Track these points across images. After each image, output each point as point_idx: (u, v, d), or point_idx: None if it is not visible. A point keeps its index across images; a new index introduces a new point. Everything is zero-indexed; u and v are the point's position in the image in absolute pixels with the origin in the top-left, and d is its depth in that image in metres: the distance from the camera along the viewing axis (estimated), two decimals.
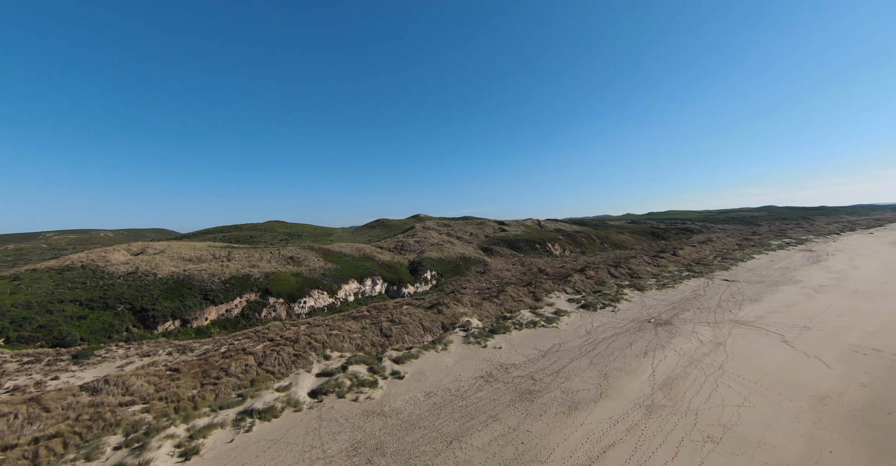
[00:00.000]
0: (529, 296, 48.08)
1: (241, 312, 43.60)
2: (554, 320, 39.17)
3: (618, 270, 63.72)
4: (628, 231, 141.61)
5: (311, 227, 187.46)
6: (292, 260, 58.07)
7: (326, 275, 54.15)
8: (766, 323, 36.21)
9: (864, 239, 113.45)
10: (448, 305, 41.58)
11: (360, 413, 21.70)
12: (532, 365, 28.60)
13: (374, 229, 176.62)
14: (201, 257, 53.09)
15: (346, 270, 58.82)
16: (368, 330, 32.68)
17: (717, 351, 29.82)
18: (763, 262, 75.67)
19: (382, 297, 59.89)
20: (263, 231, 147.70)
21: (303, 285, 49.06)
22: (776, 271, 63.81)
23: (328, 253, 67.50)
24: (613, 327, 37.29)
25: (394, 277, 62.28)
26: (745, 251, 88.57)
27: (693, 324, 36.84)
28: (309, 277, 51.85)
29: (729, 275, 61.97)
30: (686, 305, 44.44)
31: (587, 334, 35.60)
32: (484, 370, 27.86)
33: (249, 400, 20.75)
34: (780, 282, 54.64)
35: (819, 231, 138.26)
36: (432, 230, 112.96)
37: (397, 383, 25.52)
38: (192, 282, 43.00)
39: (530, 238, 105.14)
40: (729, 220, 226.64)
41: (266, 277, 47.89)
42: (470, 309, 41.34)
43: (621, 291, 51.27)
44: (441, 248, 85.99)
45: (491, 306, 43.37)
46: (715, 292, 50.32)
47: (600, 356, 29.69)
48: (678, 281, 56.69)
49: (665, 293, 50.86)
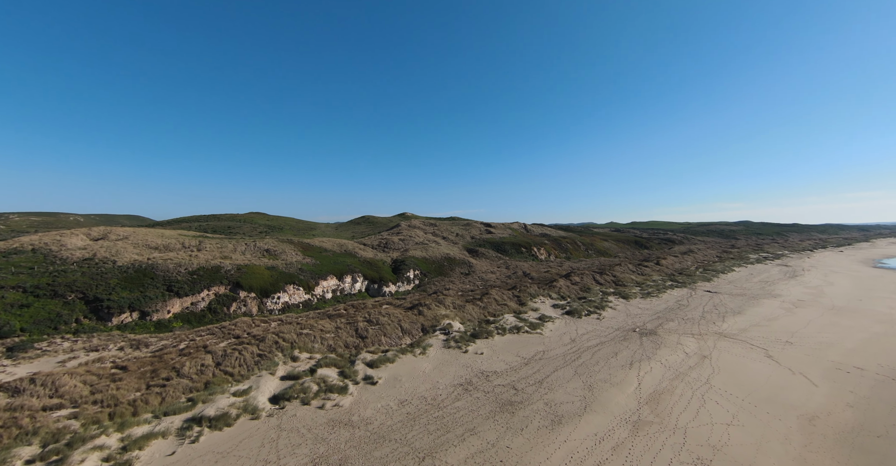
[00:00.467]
0: (514, 300, 46.78)
1: (209, 306, 40.78)
2: (538, 326, 37.93)
3: (602, 277, 63.24)
4: (612, 239, 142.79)
5: (294, 220, 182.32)
6: (268, 253, 55.21)
7: (304, 270, 51.60)
8: (750, 337, 35.83)
9: (836, 257, 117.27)
10: (429, 306, 39.84)
11: (325, 422, 19.72)
12: (514, 374, 27.15)
13: (358, 226, 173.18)
14: (169, 246, 49.70)
15: (326, 265, 56.34)
16: (343, 330, 30.60)
17: (702, 364, 29.03)
18: (743, 275, 76.75)
19: (362, 295, 57.64)
20: (243, 222, 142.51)
21: (277, 280, 46.46)
22: (756, 285, 64.56)
23: (308, 247, 64.79)
24: (598, 335, 36.28)
25: (375, 275, 60.12)
26: (726, 264, 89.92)
27: (678, 335, 36.17)
28: (285, 271, 49.23)
29: (711, 286, 62.28)
30: (670, 315, 43.95)
31: (572, 342, 34.45)
32: (463, 378, 26.24)
33: (200, 406, 18.49)
34: (761, 295, 55.06)
35: (793, 247, 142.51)
36: (418, 229, 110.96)
37: (369, 389, 23.61)
38: (155, 272, 39.90)
39: (516, 241, 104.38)
40: (708, 232, 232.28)
41: (238, 269, 45.08)
42: (452, 311, 39.70)
43: (606, 298, 50.57)
44: (426, 247, 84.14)
45: (474, 309, 41.84)
46: (698, 303, 50.17)
47: (585, 366, 28.48)
48: (662, 291, 56.49)
49: (649, 302, 50.42)
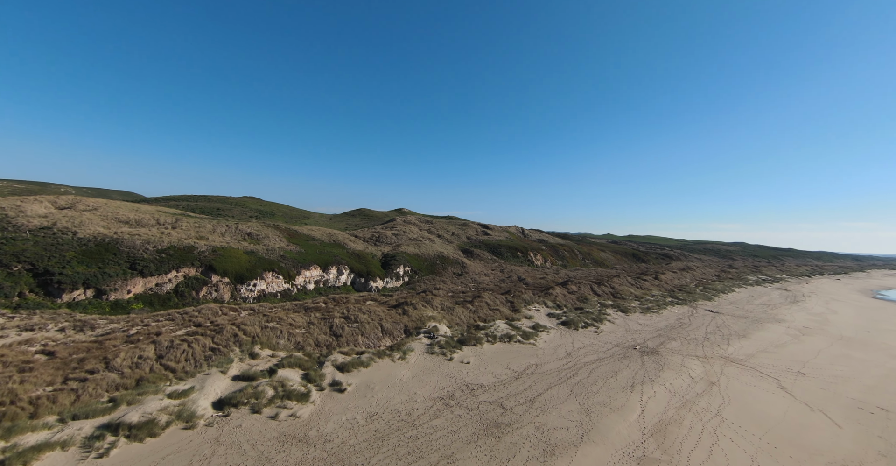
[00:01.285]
0: (507, 305, 43.78)
1: (176, 288, 37.37)
2: (531, 335, 34.94)
3: (601, 288, 60.47)
4: (610, 250, 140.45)
5: (287, 208, 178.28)
6: (250, 237, 51.81)
7: (286, 258, 48.26)
8: (759, 364, 33.08)
9: (834, 285, 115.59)
10: (416, 306, 36.72)
11: (275, 436, 16.56)
12: (503, 389, 24.12)
13: (353, 218, 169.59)
14: (141, 221, 46.19)
15: (310, 254, 53.03)
16: (316, 326, 27.40)
17: (711, 392, 26.18)
18: (743, 296, 74.39)
19: (347, 289, 54.40)
20: (234, 205, 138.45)
21: (255, 266, 43.11)
22: (758, 307, 62.13)
23: (294, 235, 61.41)
24: (596, 350, 33.36)
25: (362, 268, 56.89)
26: (725, 283, 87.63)
27: (682, 356, 33.33)
28: (265, 257, 45.88)
29: (712, 306, 59.73)
30: (672, 333, 41.17)
31: (567, 356, 31.49)
32: (445, 390, 23.16)
33: (123, 408, 15.30)
34: (764, 319, 52.52)
35: (791, 272, 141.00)
36: (413, 225, 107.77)
37: (335, 398, 20.46)
38: (119, 247, 36.45)
39: (513, 245, 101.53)
40: (705, 251, 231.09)
41: (213, 251, 41.69)
42: (440, 313, 36.61)
43: (604, 311, 47.74)
44: (419, 244, 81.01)
45: (464, 312, 38.79)
46: (700, 322, 47.48)
47: (582, 386, 25.52)
48: (662, 307, 53.79)
49: (650, 317, 47.65)
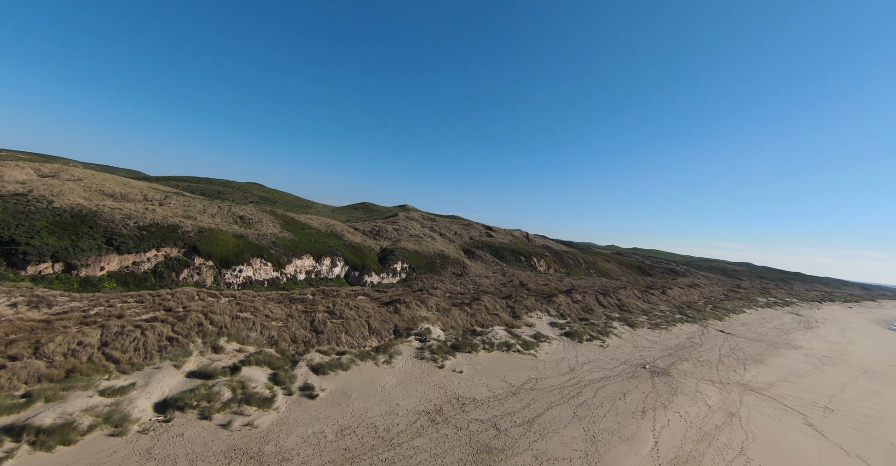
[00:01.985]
0: (507, 311, 40.90)
1: (154, 268, 34.84)
2: (532, 345, 32.03)
3: (606, 299, 57.40)
4: (615, 261, 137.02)
5: (290, 196, 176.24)
6: (242, 220, 49.27)
7: (277, 244, 45.65)
8: (780, 394, 29.97)
9: (846, 312, 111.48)
10: (409, 304, 33.93)
11: (222, 450, 13.82)
12: (498, 405, 21.27)
13: (356, 211, 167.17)
14: (128, 196, 43.82)
15: (304, 243, 50.42)
16: (295, 320, 24.68)
17: (731, 425, 23.17)
18: (755, 318, 70.94)
19: (340, 281, 51.74)
20: (235, 190, 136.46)
21: (243, 250, 40.54)
22: (771, 331, 58.77)
23: (290, 221, 58.88)
24: (602, 367, 30.40)
25: (358, 261, 54.21)
26: (735, 303, 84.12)
27: (696, 380, 30.30)
28: (254, 242, 43.29)
29: (723, 326, 56.46)
30: (683, 353, 38.09)
31: (571, 371, 28.57)
32: (433, 403, 20.35)
33: (39, 406, 12.65)
34: (780, 344, 49.23)
35: (801, 296, 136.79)
36: (415, 222, 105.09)
37: (304, 405, 17.71)
38: (96, 220, 33.99)
39: (516, 249, 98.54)
40: (711, 268, 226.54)
41: (199, 232, 39.15)
42: (434, 314, 33.80)
43: (610, 323, 44.71)
44: (420, 240, 78.25)
45: (461, 315, 35.96)
46: (712, 343, 44.32)
47: (587, 407, 22.61)
48: (672, 323, 50.63)
49: (658, 334, 44.55)
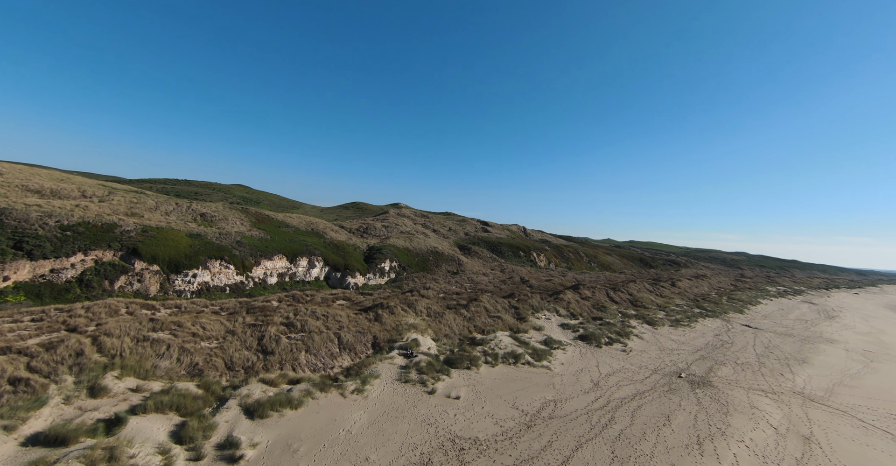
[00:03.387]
0: (510, 312, 35.29)
1: (80, 276, 28.63)
2: (544, 354, 26.41)
3: (617, 294, 52.06)
4: (616, 254, 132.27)
5: (277, 197, 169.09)
6: (203, 218, 43.04)
7: (243, 244, 39.55)
8: (847, 405, 24.66)
9: (856, 299, 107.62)
10: (393, 309, 28.14)
11: None
12: (510, 448, 15.60)
13: (346, 211, 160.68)
14: (60, 192, 37.37)
15: (276, 242, 44.35)
16: (237, 337, 18.78)
17: (813, 456, 17.71)
18: (773, 309, 66.16)
19: (319, 284, 45.77)
20: (216, 191, 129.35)
21: (198, 252, 34.41)
22: (795, 323, 53.87)
23: (263, 219, 52.70)
24: (631, 379, 24.89)
25: (340, 261, 48.24)
26: (747, 294, 79.45)
27: (744, 391, 24.91)
28: (214, 242, 37.17)
29: (746, 320, 51.40)
30: (716, 355, 32.75)
31: (595, 386, 23.01)
32: (418, 451, 14.60)
33: None
34: (812, 339, 44.19)
35: (806, 284, 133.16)
36: (407, 218, 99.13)
37: None
38: (2, 219, 27.68)
39: (514, 244, 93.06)
40: (710, 259, 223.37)
41: (143, 231, 32.95)
42: (424, 321, 28.05)
43: (628, 322, 39.30)
44: (411, 237, 72.39)
45: (456, 319, 30.24)
46: (743, 340, 39.11)
47: (627, 442, 17.01)
48: (692, 319, 45.39)
49: (682, 333, 39.22)
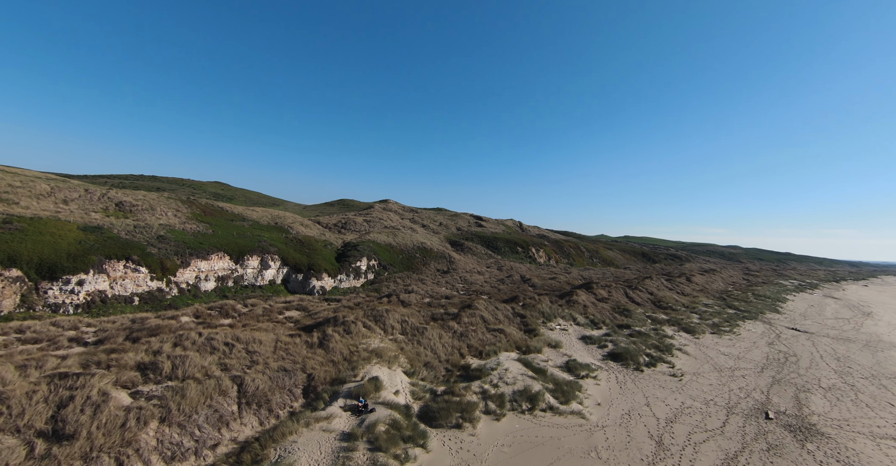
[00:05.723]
0: (515, 322, 26.86)
1: None
2: (571, 390, 17.96)
3: (636, 293, 44.03)
4: (617, 249, 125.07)
5: (256, 195, 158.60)
6: (119, 207, 33.76)
7: (165, 240, 30.43)
8: None
9: (869, 292, 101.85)
10: (350, 327, 19.48)
11: None
12: None
13: (331, 207, 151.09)
14: None
15: (219, 238, 35.30)
16: (15, 404, 10.04)
17: None
18: (802, 305, 58.95)
19: (276, 289, 36.86)
20: (185, 187, 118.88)
21: (90, 250, 25.27)
22: (838, 323, 46.43)
23: (212, 212, 43.47)
24: (704, 426, 16.62)
25: (303, 260, 39.33)
26: (768, 288, 72.37)
27: (871, 441, 16.82)
28: (121, 237, 28.01)
29: (788, 321, 43.76)
30: (789, 374, 24.73)
31: (658, 446, 14.64)
32: None
33: None
34: (874, 343, 36.57)
35: (813, 277, 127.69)
36: (393, 213, 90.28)
37: None
38: None
39: (511, 239, 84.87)
40: (708, 253, 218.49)
41: (3, 222, 23.73)
42: (395, 343, 19.44)
43: (662, 330, 31.15)
44: (395, 232, 63.64)
45: (443, 336, 21.71)
46: (804, 350, 31.23)
47: None
48: (732, 323, 37.48)
49: (730, 342, 31.17)
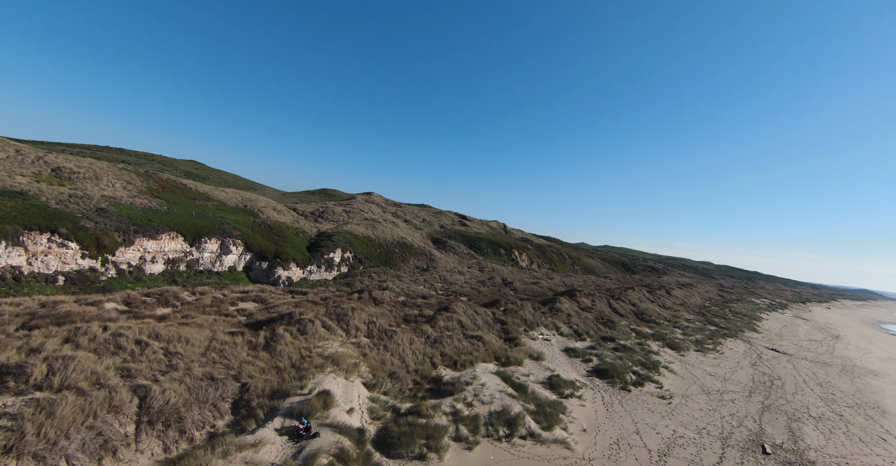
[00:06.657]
0: (495, 329, 24.58)
1: None
2: (554, 412, 15.77)
3: (619, 303, 42.66)
4: (598, 257, 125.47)
5: (233, 177, 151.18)
6: (56, 174, 29.53)
7: (106, 213, 26.62)
8: None
9: (833, 314, 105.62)
10: (306, 327, 16.68)
11: None
12: None
13: (311, 196, 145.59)
14: None
15: (173, 216, 31.55)
16: None
17: None
18: (777, 326, 59.39)
19: (235, 276, 33.38)
20: (154, 162, 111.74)
21: (2, 219, 21.38)
22: (811, 344, 46.46)
23: (171, 188, 39.38)
24: (699, 461, 14.64)
25: (269, 246, 35.93)
26: (743, 306, 73.24)
27: None
28: (49, 206, 24.12)
29: (766, 341, 43.34)
30: (777, 400, 23.39)
31: None
32: None
33: None
34: (852, 370, 36.13)
35: (781, 296, 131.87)
36: (375, 206, 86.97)
37: None
38: None
39: (495, 240, 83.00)
40: (683, 267, 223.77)
41: None
42: (356, 349, 16.77)
43: (647, 345, 29.56)
44: (375, 225, 60.55)
45: (414, 342, 19.16)
46: (787, 373, 30.25)
47: None
48: (714, 341, 36.47)
49: (715, 362, 29.88)
